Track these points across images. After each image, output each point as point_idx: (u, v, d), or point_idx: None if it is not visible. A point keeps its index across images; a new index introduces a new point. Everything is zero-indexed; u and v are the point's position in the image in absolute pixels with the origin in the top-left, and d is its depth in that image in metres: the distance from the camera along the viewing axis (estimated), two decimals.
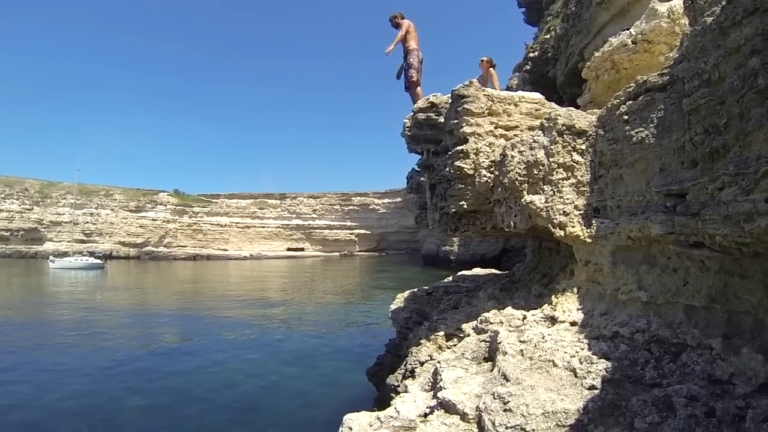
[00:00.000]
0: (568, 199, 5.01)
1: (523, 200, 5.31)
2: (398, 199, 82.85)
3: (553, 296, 5.59)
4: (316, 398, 10.62)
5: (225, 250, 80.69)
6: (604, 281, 4.67)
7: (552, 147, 5.07)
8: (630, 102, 4.09)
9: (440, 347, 6.39)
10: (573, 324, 4.77)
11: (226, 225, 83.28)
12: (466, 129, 6.32)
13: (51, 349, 15.24)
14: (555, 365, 3.93)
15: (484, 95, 6.48)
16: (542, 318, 5.24)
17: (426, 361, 6.10)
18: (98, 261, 53.97)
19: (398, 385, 6.26)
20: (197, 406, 10.19)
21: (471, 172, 6.29)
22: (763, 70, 2.43)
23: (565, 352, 4.07)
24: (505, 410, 3.33)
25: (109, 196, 76.68)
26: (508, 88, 22.20)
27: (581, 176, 4.97)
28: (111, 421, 9.42)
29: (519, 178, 5.37)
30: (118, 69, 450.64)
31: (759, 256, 2.77)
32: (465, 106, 6.35)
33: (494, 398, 3.52)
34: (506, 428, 3.17)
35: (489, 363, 4.78)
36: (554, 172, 5.08)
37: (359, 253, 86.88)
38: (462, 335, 6.10)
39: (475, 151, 6.28)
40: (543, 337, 4.50)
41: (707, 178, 2.95)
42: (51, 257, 56.12)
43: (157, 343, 16.47)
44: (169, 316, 22.16)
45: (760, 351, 2.92)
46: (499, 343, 4.66)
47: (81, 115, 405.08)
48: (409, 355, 6.66)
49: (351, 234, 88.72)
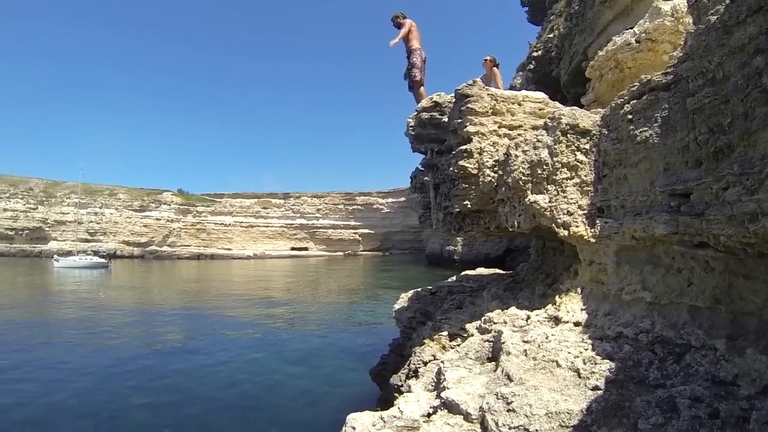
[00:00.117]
0: (572, 198, 4.99)
1: (526, 200, 5.30)
2: (402, 199, 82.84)
3: (556, 296, 5.58)
4: (319, 398, 10.64)
5: (229, 249, 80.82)
6: (608, 281, 4.66)
7: (556, 146, 5.06)
8: (634, 101, 4.07)
9: (444, 347, 6.39)
10: (577, 324, 4.76)
11: (230, 224, 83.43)
12: (470, 128, 6.31)
13: (55, 347, 15.32)
14: (558, 365, 3.91)
15: (488, 94, 6.47)
16: (546, 318, 5.23)
17: (429, 361, 6.09)
18: (102, 260, 54.12)
19: (402, 385, 6.25)
20: (201, 404, 10.22)
21: (475, 171, 6.28)
22: (767, 69, 2.42)
23: (569, 353, 4.06)
24: (508, 410, 3.32)
25: (113, 196, 76.95)
26: (512, 88, 22.16)
27: (585, 176, 4.96)
28: (115, 419, 9.47)
29: (523, 178, 5.36)
30: (121, 69, 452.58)
31: (763, 256, 2.76)
32: (469, 105, 6.35)
33: (498, 398, 3.51)
34: (509, 428, 3.17)
35: (492, 363, 4.77)
36: (558, 172, 5.06)
37: (363, 253, 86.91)
38: (466, 335, 6.09)
39: (478, 150, 6.27)
40: (547, 338, 4.49)
41: (711, 178, 2.94)
42: (55, 256, 56.33)
43: (161, 341, 16.53)
44: (173, 315, 22.23)
45: (764, 352, 2.90)
46: (503, 343, 4.65)
47: (85, 115, 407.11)
48: (413, 355, 6.66)
49: (355, 233, 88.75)
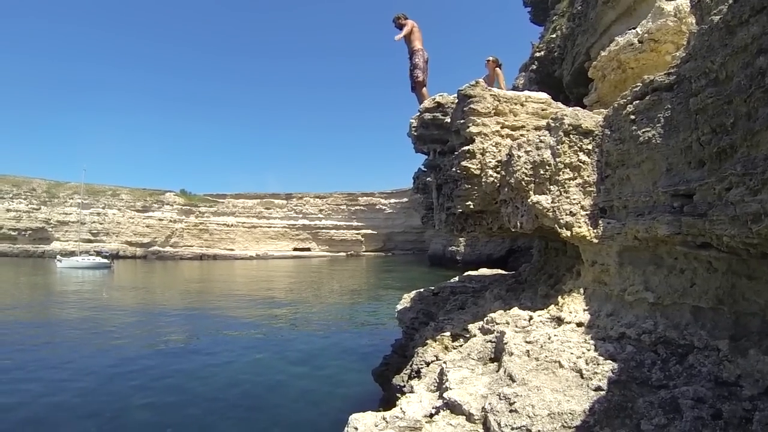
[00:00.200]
0: (574, 199, 4.99)
1: (529, 200, 5.30)
2: (405, 199, 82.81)
3: (559, 297, 5.58)
4: (321, 398, 10.64)
5: (231, 249, 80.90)
6: (611, 282, 4.65)
7: (558, 147, 5.05)
8: (637, 101, 4.07)
9: (446, 348, 6.38)
10: (579, 325, 4.76)
11: (232, 225, 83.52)
12: (473, 129, 6.31)
13: (58, 347, 15.35)
14: (561, 366, 3.91)
15: (491, 95, 6.47)
16: (548, 319, 5.23)
17: (432, 362, 6.09)
18: (105, 260, 54.17)
19: (404, 386, 6.25)
20: (203, 404, 10.24)
21: (477, 172, 6.28)
22: None
23: (572, 353, 4.06)
24: (510, 411, 3.32)
25: (115, 196, 77.11)
26: (515, 88, 22.16)
27: (588, 176, 4.95)
28: (118, 418, 9.49)
29: (525, 178, 5.35)
30: (123, 69, 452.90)
31: (766, 257, 2.76)
32: (471, 106, 6.34)
33: (500, 399, 3.51)
34: (512, 429, 3.16)
35: (495, 363, 4.77)
36: (561, 172, 5.06)
37: (366, 253, 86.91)
38: (468, 336, 6.09)
39: (481, 151, 6.27)
40: (549, 338, 4.48)
41: (714, 179, 2.94)
42: (58, 257, 56.43)
43: (164, 342, 16.56)
44: (176, 316, 22.25)
45: (767, 353, 2.90)
46: (505, 343, 4.65)
47: (87, 115, 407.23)
48: (415, 356, 6.66)
49: (357, 234, 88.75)
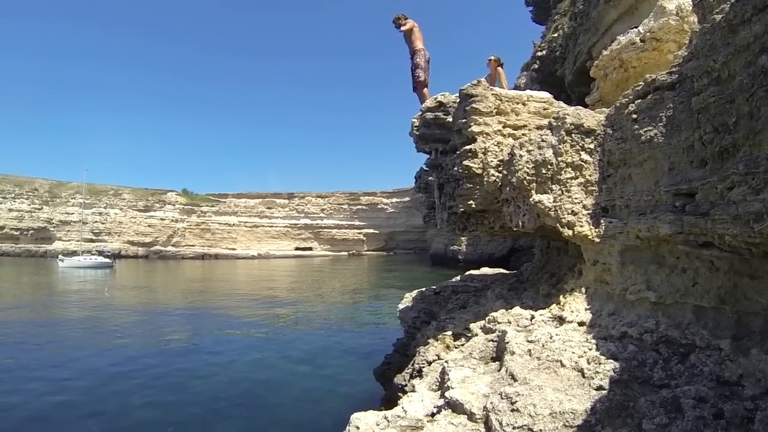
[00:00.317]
0: (576, 198, 4.99)
1: (531, 199, 5.29)
2: (406, 199, 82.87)
3: (561, 296, 5.57)
4: (323, 397, 10.65)
5: (233, 249, 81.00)
6: (613, 281, 4.65)
7: (560, 146, 5.05)
8: (639, 101, 4.06)
9: (448, 347, 6.38)
10: (581, 324, 4.75)
11: (234, 224, 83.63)
12: (475, 128, 6.31)
13: (60, 346, 15.38)
14: (563, 365, 3.91)
15: (492, 94, 6.46)
16: (550, 318, 5.22)
17: (434, 361, 6.09)
18: (107, 260, 54.29)
19: (406, 385, 6.25)
20: (205, 403, 10.25)
21: (479, 171, 6.28)
22: None
23: (573, 353, 4.06)
24: (512, 410, 3.32)
25: (117, 196, 77.24)
26: (516, 87, 22.16)
27: (590, 175, 4.95)
28: (120, 417, 9.51)
29: (527, 178, 5.35)
30: (124, 70, 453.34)
31: None
32: (473, 105, 6.34)
33: (502, 398, 3.51)
34: (513, 428, 3.16)
35: (497, 363, 4.77)
36: (562, 172, 5.05)
37: (367, 253, 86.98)
38: (470, 335, 6.09)
39: (483, 150, 6.27)
40: (551, 337, 4.48)
41: (716, 178, 2.93)
42: (60, 256, 56.57)
43: (166, 341, 16.58)
44: (178, 315, 22.28)
45: None
46: (507, 342, 4.65)
47: (89, 115, 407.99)
48: (417, 355, 6.66)
49: (359, 233, 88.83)
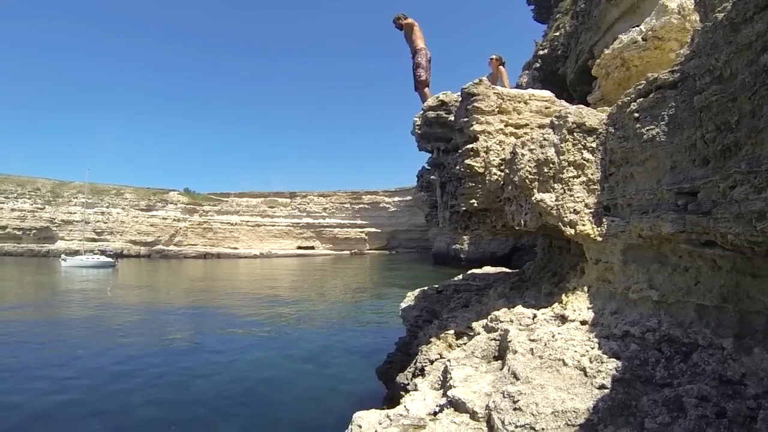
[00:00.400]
0: (578, 197, 4.98)
1: (533, 198, 5.29)
2: (408, 198, 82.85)
3: (563, 295, 5.57)
4: (325, 396, 10.66)
5: (235, 248, 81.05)
6: (615, 280, 4.64)
7: (562, 145, 5.05)
8: (640, 99, 4.06)
9: (450, 346, 6.39)
10: (583, 323, 4.75)
11: (236, 223, 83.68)
12: (476, 127, 6.30)
13: (64, 345, 15.42)
14: (565, 364, 3.91)
15: (494, 93, 6.46)
16: (552, 317, 5.22)
17: (436, 360, 6.09)
18: (109, 259, 54.36)
19: (408, 384, 6.26)
20: (207, 402, 10.26)
21: (481, 170, 6.28)
22: None
23: (575, 351, 4.06)
24: (514, 409, 3.32)
25: (119, 195, 77.29)
26: (518, 86, 22.15)
27: (592, 174, 4.94)
28: (122, 416, 9.53)
29: (529, 177, 5.35)
30: (126, 69, 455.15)
31: None
32: (475, 104, 6.34)
33: (504, 397, 3.51)
34: (516, 427, 3.17)
35: (499, 361, 4.77)
36: (564, 171, 5.05)
37: (369, 252, 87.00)
38: (472, 334, 6.09)
39: (485, 149, 6.26)
40: (553, 336, 4.48)
41: (719, 176, 2.93)
42: (63, 256, 56.63)
43: (168, 340, 16.61)
44: (180, 314, 22.32)
45: None
46: (509, 341, 4.65)
47: (91, 115, 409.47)
48: (419, 354, 6.66)
49: (361, 232, 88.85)
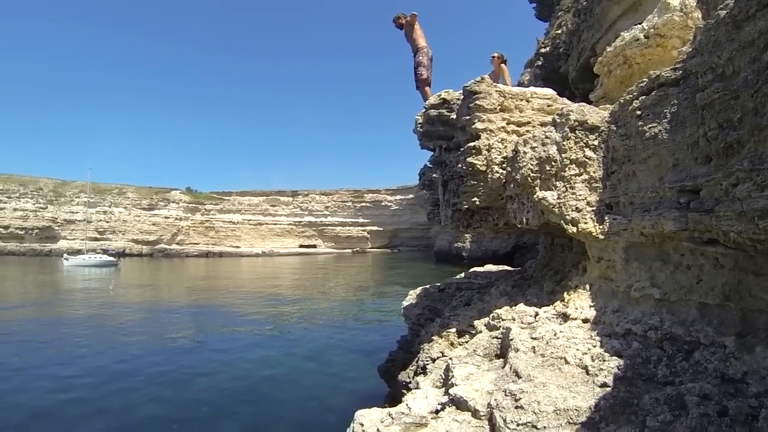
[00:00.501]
0: (580, 195, 4.98)
1: (535, 196, 5.29)
2: (410, 196, 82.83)
3: (565, 293, 5.56)
4: (327, 394, 10.67)
5: (237, 247, 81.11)
6: (617, 278, 4.64)
7: (564, 143, 5.04)
8: (643, 97, 4.05)
9: (452, 344, 6.39)
10: (585, 321, 4.75)
11: (238, 222, 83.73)
12: (478, 125, 6.30)
13: (66, 344, 15.45)
14: (567, 362, 3.91)
15: (496, 91, 6.45)
16: (554, 315, 5.22)
17: (438, 358, 6.09)
18: (112, 258, 54.41)
19: (410, 382, 6.27)
20: (209, 401, 10.29)
21: (483, 168, 6.27)
22: None
23: (577, 350, 4.06)
24: (516, 407, 3.32)
25: (122, 195, 77.36)
26: (520, 84, 22.11)
27: (594, 172, 4.94)
28: (125, 414, 9.55)
29: (531, 174, 5.34)
30: (128, 69, 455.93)
31: None
32: (477, 102, 6.33)
33: (506, 395, 3.51)
34: (517, 425, 3.17)
35: (501, 360, 4.77)
36: (566, 168, 5.05)
37: (371, 250, 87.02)
38: (474, 332, 6.09)
39: (487, 147, 6.26)
40: (555, 334, 4.48)
41: (721, 174, 2.92)
42: (65, 255, 56.69)
43: (171, 338, 16.63)
44: (182, 313, 22.35)
45: None
46: (511, 339, 4.65)
47: (93, 114, 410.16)
48: (421, 352, 6.67)
49: (363, 231, 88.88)
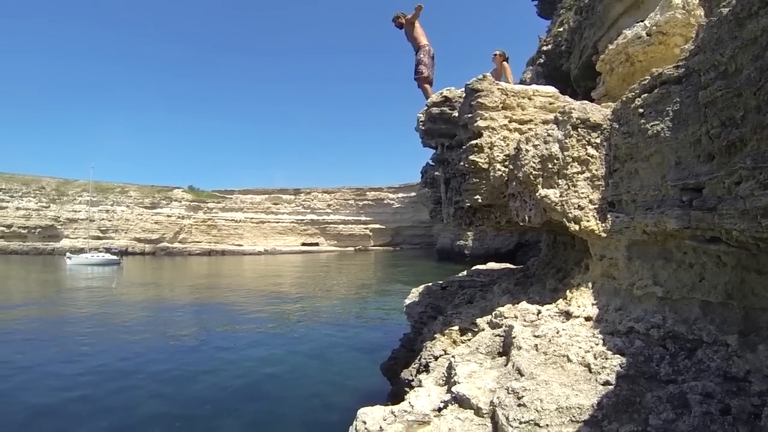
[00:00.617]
0: (582, 193, 4.97)
1: (537, 194, 5.28)
2: (413, 194, 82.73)
3: (567, 291, 5.56)
4: (330, 392, 10.69)
5: (240, 245, 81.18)
6: (619, 276, 4.64)
7: (566, 141, 5.04)
8: (645, 95, 4.04)
9: (455, 342, 6.40)
10: (588, 319, 4.75)
11: (240, 220, 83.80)
12: (481, 123, 6.30)
13: (69, 343, 15.50)
14: (569, 360, 3.91)
15: (498, 89, 6.45)
16: (557, 313, 5.22)
17: (440, 356, 6.10)
18: (114, 257, 54.57)
19: (412, 380, 6.27)
20: (212, 398, 10.31)
21: (485, 166, 6.27)
22: None
23: (580, 348, 4.06)
24: (519, 405, 3.32)
25: (124, 193, 77.51)
26: (522, 82, 22.06)
27: (596, 170, 4.93)
28: (127, 412, 9.59)
29: (533, 172, 5.34)
30: (129, 68, 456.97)
31: None
32: (479, 100, 6.33)
33: (508, 393, 3.52)
34: (520, 423, 3.17)
35: (503, 358, 4.78)
36: (569, 166, 5.04)
37: (374, 248, 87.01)
38: (476, 330, 6.09)
39: (489, 145, 6.26)
40: (557, 332, 4.48)
41: (724, 172, 2.92)
42: (68, 254, 56.82)
43: (173, 337, 16.67)
44: (185, 311, 22.40)
45: None
46: (514, 337, 4.65)
47: (94, 114, 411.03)
48: (424, 350, 6.68)
49: (365, 229, 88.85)
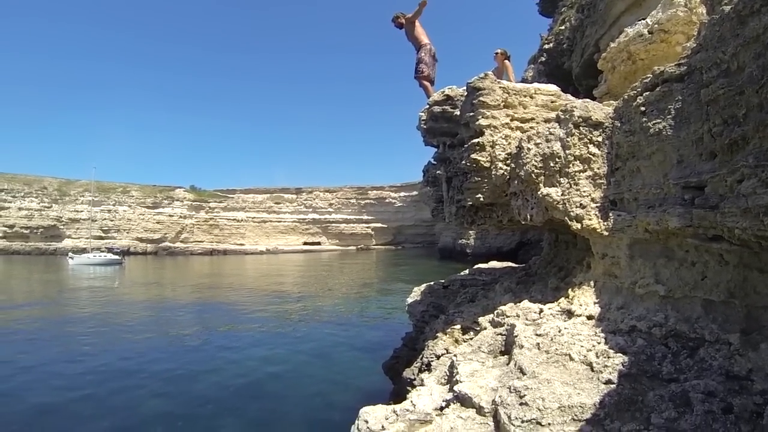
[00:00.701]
0: (584, 191, 4.96)
1: (539, 193, 5.28)
2: (414, 193, 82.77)
3: (569, 289, 5.55)
4: (332, 391, 10.70)
5: (241, 244, 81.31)
6: (621, 275, 4.63)
7: (568, 139, 5.03)
8: (647, 93, 4.03)
9: (456, 340, 6.40)
10: (590, 318, 4.74)
11: (242, 220, 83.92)
12: (482, 121, 6.29)
13: (71, 342, 15.55)
14: (571, 359, 3.91)
15: (500, 87, 6.44)
16: (559, 311, 5.21)
17: (442, 355, 6.11)
18: (116, 257, 54.71)
19: (414, 379, 6.28)
20: (214, 398, 10.34)
21: (487, 164, 6.27)
22: None
23: (582, 346, 4.05)
24: (521, 404, 3.32)
25: (126, 193, 77.66)
26: (524, 81, 22.04)
27: (598, 168, 4.92)
28: (130, 411, 9.63)
29: (535, 171, 5.33)
30: (130, 67, 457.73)
31: None
32: (480, 98, 6.32)
33: (510, 392, 3.52)
34: (522, 422, 3.17)
35: (505, 356, 4.78)
36: (571, 165, 5.03)
37: (376, 247, 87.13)
38: (478, 328, 6.09)
39: (491, 143, 6.25)
40: (559, 331, 4.48)
41: (726, 170, 2.91)
42: (70, 254, 57.00)
43: (176, 336, 16.71)
44: (187, 310, 22.44)
45: None
46: (516, 336, 4.65)
47: (96, 113, 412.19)
48: (426, 349, 6.68)
49: (367, 228, 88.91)
